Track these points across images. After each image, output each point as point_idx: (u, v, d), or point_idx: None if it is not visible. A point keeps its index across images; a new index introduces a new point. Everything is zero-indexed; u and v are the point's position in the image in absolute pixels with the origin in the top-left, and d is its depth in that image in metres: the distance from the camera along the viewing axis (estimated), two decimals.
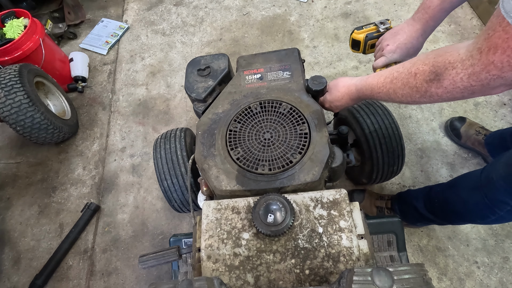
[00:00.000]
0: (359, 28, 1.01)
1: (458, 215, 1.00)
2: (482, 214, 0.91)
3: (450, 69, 0.54)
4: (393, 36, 0.89)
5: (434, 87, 0.57)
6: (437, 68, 0.56)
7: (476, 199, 0.90)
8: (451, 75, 0.54)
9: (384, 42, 0.90)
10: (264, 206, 0.69)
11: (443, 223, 1.14)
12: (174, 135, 1.18)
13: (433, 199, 1.07)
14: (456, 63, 0.53)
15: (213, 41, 2.10)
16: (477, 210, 0.92)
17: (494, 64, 0.47)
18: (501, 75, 0.47)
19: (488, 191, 0.86)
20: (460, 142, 1.46)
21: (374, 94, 0.74)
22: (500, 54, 0.46)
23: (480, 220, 0.96)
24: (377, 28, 0.99)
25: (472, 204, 0.92)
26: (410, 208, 1.17)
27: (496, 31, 0.46)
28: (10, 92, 1.43)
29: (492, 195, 0.86)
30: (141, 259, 0.80)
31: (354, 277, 0.48)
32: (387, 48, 0.89)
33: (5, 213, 1.64)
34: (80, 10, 2.37)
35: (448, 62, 0.55)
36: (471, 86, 0.52)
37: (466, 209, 0.95)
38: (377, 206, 1.32)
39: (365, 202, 1.35)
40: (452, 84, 0.54)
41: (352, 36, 1.02)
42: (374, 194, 1.36)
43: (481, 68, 0.49)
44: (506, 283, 1.18)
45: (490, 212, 0.88)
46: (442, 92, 0.57)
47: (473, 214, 0.94)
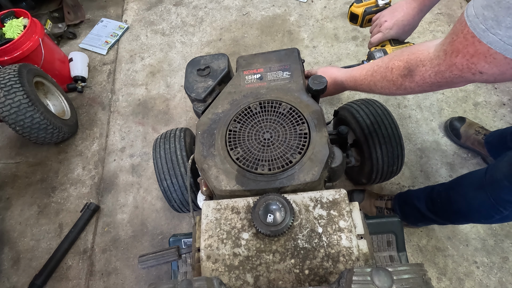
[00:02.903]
0: (359, 1, 1.03)
1: (461, 215, 1.00)
2: (487, 213, 0.91)
3: (421, 66, 0.61)
4: (391, 12, 0.92)
5: (407, 81, 0.64)
6: (410, 64, 0.63)
7: (481, 198, 0.90)
8: (421, 72, 0.61)
9: (382, 18, 0.94)
10: (264, 206, 0.69)
11: (445, 223, 1.14)
12: (173, 135, 1.18)
13: (435, 199, 1.07)
14: (425, 61, 0.60)
15: (213, 41, 2.10)
16: (482, 209, 0.92)
17: (456, 65, 0.53)
18: (462, 75, 0.54)
19: (492, 190, 0.87)
20: (460, 142, 1.46)
21: (357, 85, 0.81)
22: (461, 57, 0.51)
23: (484, 219, 0.96)
24: (376, 3, 1.01)
25: (477, 204, 0.92)
26: (411, 208, 1.18)
27: (458, 37, 0.51)
28: (10, 92, 1.42)
29: (497, 195, 0.86)
30: (141, 259, 0.80)
31: (354, 277, 0.48)
32: (385, 25, 0.92)
33: (5, 213, 1.64)
34: (79, 10, 2.37)
35: (419, 60, 0.61)
36: (438, 82, 0.59)
37: (470, 209, 0.96)
38: (376, 206, 1.33)
39: (364, 202, 1.35)
40: (422, 79, 0.61)
41: (351, 9, 1.05)
42: (373, 194, 1.36)
43: (445, 68, 0.55)
44: (505, 283, 1.19)
45: (495, 212, 0.89)
46: (414, 86, 0.64)
47: (478, 213, 0.95)
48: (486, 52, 0.47)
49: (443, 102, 1.62)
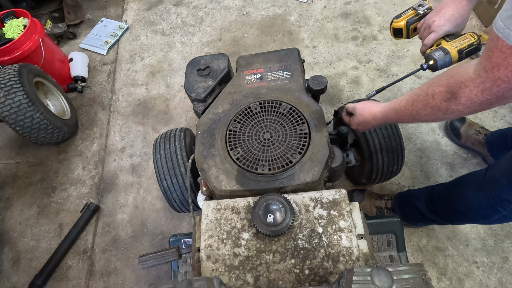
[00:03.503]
0: (398, 16, 1.02)
1: (460, 215, 1.01)
2: (485, 213, 0.92)
3: (464, 87, 0.60)
4: (438, 12, 0.89)
5: (453, 104, 0.63)
6: (451, 88, 0.62)
7: (480, 198, 0.91)
8: (466, 93, 0.60)
9: (429, 20, 0.90)
10: (264, 206, 0.69)
11: (444, 223, 1.15)
12: (173, 135, 1.18)
13: (435, 199, 1.07)
14: (467, 82, 0.59)
15: (213, 41, 2.10)
16: (481, 209, 0.93)
17: (501, 79, 0.53)
18: (511, 87, 0.54)
19: (492, 190, 0.88)
20: (460, 142, 1.46)
21: (399, 117, 0.79)
22: (503, 70, 0.52)
23: (482, 219, 0.96)
24: (416, 12, 0.99)
25: (476, 204, 0.93)
26: (411, 208, 1.18)
27: (494, 52, 0.52)
28: (10, 92, 1.42)
29: (496, 194, 0.87)
30: (141, 259, 0.80)
31: (354, 277, 0.48)
32: (435, 24, 0.89)
33: (5, 213, 1.64)
34: (79, 10, 2.37)
35: (461, 81, 0.60)
36: (487, 99, 0.58)
37: (469, 209, 0.96)
38: (376, 206, 1.33)
39: (364, 202, 1.35)
40: (469, 100, 0.60)
41: (392, 25, 1.03)
42: (373, 194, 1.36)
43: (491, 84, 0.55)
44: (505, 283, 1.19)
45: (493, 212, 0.89)
46: (462, 108, 0.62)
47: (476, 213, 0.95)
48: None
49: None
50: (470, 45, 0.86)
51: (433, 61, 0.87)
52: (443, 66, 0.88)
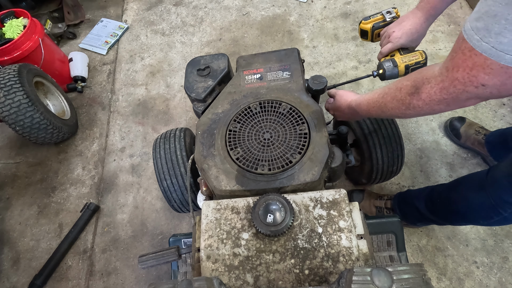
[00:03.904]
0: (367, 18, 1.08)
1: (460, 216, 1.01)
2: (485, 215, 0.92)
3: (426, 83, 0.63)
4: (399, 24, 0.96)
5: (415, 99, 0.66)
6: (416, 82, 0.65)
7: (481, 199, 0.91)
8: (427, 89, 0.62)
9: (390, 29, 0.98)
10: (264, 206, 0.69)
11: (444, 223, 1.15)
12: (173, 135, 1.18)
13: (435, 199, 1.08)
14: (430, 79, 0.62)
15: (213, 41, 2.10)
16: (481, 210, 0.93)
17: (458, 80, 0.55)
18: (465, 89, 0.55)
19: (493, 191, 0.88)
20: (460, 142, 1.46)
21: (369, 108, 0.82)
22: (462, 71, 0.54)
23: (483, 221, 0.96)
24: (384, 18, 1.06)
25: (476, 205, 0.93)
26: (411, 208, 1.18)
27: (457, 53, 0.54)
28: (10, 92, 1.42)
29: (497, 195, 0.87)
30: (141, 259, 0.80)
31: (354, 277, 0.48)
32: (393, 35, 0.95)
33: (5, 213, 1.64)
34: (79, 10, 2.37)
35: (425, 78, 0.63)
36: (444, 98, 0.60)
37: (469, 210, 0.96)
38: (376, 206, 1.33)
39: (364, 202, 1.35)
40: (428, 96, 0.63)
41: (360, 26, 1.10)
42: (373, 194, 1.36)
43: (449, 83, 0.57)
44: (505, 283, 1.19)
45: (494, 213, 0.89)
46: (422, 104, 0.65)
47: (477, 214, 0.95)
48: (483, 63, 0.50)
49: None
50: (417, 63, 0.94)
51: (383, 70, 0.96)
52: (390, 77, 0.96)
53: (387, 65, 0.95)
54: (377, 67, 0.99)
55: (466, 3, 1.92)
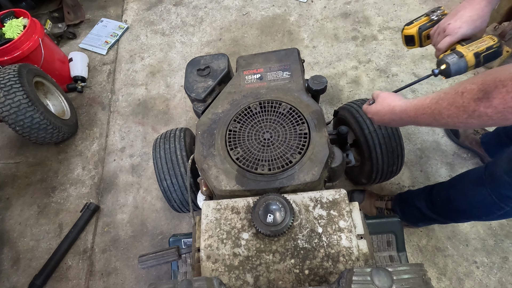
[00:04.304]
0: (409, 23, 0.95)
1: (462, 213, 1.00)
2: (488, 210, 0.91)
3: (501, 87, 0.52)
4: (454, 15, 0.83)
5: (482, 106, 0.55)
6: (486, 86, 0.54)
7: (481, 196, 0.90)
8: (502, 93, 0.52)
9: (444, 24, 0.84)
10: (264, 206, 0.69)
11: (445, 221, 1.14)
12: (173, 135, 1.18)
13: (435, 198, 1.07)
14: (507, 81, 0.51)
15: (213, 41, 2.10)
16: (483, 206, 0.92)
17: None
18: None
19: (493, 187, 0.86)
20: (459, 141, 1.46)
21: (418, 115, 0.71)
22: None
23: (485, 216, 0.95)
24: (429, 18, 0.93)
25: (477, 201, 0.92)
26: (412, 208, 1.18)
27: None
28: (10, 92, 1.42)
29: (498, 191, 0.86)
30: (141, 259, 0.80)
31: (354, 277, 0.48)
32: (450, 26, 0.82)
33: (5, 213, 1.64)
34: (79, 10, 2.37)
35: (499, 80, 0.53)
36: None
37: (471, 206, 0.95)
38: (376, 206, 1.32)
39: (364, 203, 1.35)
40: (502, 103, 0.52)
41: (404, 32, 0.95)
42: (373, 195, 1.36)
43: None
44: (505, 283, 1.19)
45: (496, 208, 0.88)
46: (492, 112, 0.54)
47: (479, 210, 0.94)
48: None
49: None
50: (489, 48, 0.76)
51: (446, 65, 0.79)
52: (458, 72, 0.79)
53: (450, 58, 0.78)
54: (436, 64, 0.83)
55: None
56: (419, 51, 1.80)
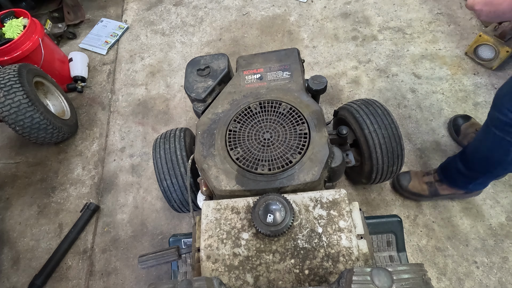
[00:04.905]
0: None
1: (489, 161, 1.06)
2: (502, 149, 0.97)
3: None
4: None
5: None
6: None
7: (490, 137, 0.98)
8: None
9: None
10: (264, 206, 0.69)
11: (485, 176, 1.17)
12: (173, 135, 1.18)
13: (468, 156, 1.14)
14: None
15: (213, 41, 2.10)
16: (497, 147, 0.98)
17: None
18: None
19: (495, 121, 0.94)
20: (458, 139, 1.47)
21: None
22: None
23: (505, 155, 0.99)
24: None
25: (491, 142, 1.00)
26: (455, 172, 1.22)
27: None
28: (10, 92, 1.42)
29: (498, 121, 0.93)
30: (141, 259, 0.80)
31: (354, 277, 0.48)
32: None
33: (4, 213, 1.64)
34: (79, 10, 2.37)
35: None
36: None
37: (490, 151, 1.03)
38: (426, 182, 1.33)
39: (413, 182, 1.34)
40: None
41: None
42: (419, 173, 1.36)
43: None
44: (505, 283, 1.19)
45: (507, 144, 0.94)
46: None
47: (498, 153, 1.00)
48: None
49: (443, 102, 1.62)
50: None
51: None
52: None
53: None
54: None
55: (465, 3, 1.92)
56: (419, 51, 1.80)
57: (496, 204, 1.33)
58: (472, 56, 1.70)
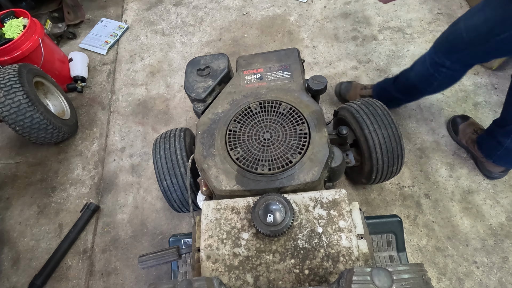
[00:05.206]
0: None
1: (414, 87, 1.30)
2: (427, 81, 1.21)
3: None
4: None
5: None
6: None
7: (424, 67, 1.20)
8: None
9: None
10: (264, 206, 0.69)
11: (408, 99, 1.46)
12: (173, 135, 1.18)
13: (400, 81, 1.36)
14: None
15: (213, 41, 2.10)
16: (424, 77, 1.21)
17: None
18: None
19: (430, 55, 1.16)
20: (457, 138, 1.48)
21: None
22: None
23: (427, 86, 1.24)
24: None
25: (420, 72, 1.23)
26: (386, 92, 1.45)
27: None
28: (10, 92, 1.42)
29: (432, 60, 1.15)
30: (141, 259, 0.80)
31: (354, 277, 0.48)
32: None
33: (5, 213, 1.64)
34: (79, 10, 2.37)
35: None
36: None
37: (417, 79, 1.25)
38: (361, 95, 1.55)
39: (352, 92, 1.56)
40: None
41: None
42: (358, 85, 1.58)
43: None
44: (505, 283, 1.19)
45: (432, 79, 1.18)
46: None
47: (423, 82, 1.24)
48: None
49: (443, 102, 1.62)
50: None
51: None
52: None
53: None
54: None
55: (466, 3, 1.92)
56: (419, 51, 1.80)
57: (496, 204, 1.33)
58: None
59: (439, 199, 1.37)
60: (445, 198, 1.37)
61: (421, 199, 1.39)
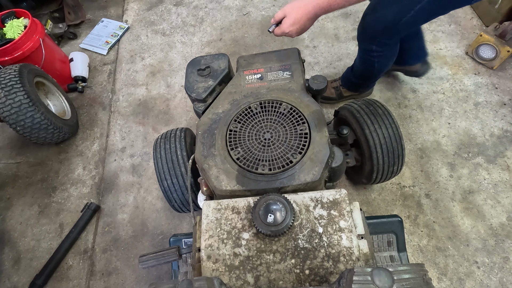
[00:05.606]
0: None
1: (365, 72, 1.40)
2: (369, 65, 1.32)
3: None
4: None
5: None
6: None
7: (361, 56, 1.34)
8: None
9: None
10: (264, 206, 0.69)
11: (365, 82, 1.52)
12: (174, 135, 1.19)
13: (354, 70, 1.46)
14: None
15: (213, 41, 2.10)
16: (366, 64, 1.33)
17: None
18: None
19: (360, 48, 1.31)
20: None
21: (331, 3, 0.88)
22: None
23: (372, 68, 1.33)
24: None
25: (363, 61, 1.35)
26: (348, 81, 1.56)
27: None
28: (10, 92, 1.43)
29: (361, 48, 1.30)
30: (141, 259, 0.80)
31: (354, 277, 0.48)
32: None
33: (5, 213, 1.64)
34: (80, 10, 2.37)
35: None
36: None
37: (363, 66, 1.37)
38: (333, 87, 1.64)
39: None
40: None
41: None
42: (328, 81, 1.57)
43: None
44: (506, 283, 1.18)
45: (371, 62, 1.29)
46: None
47: (367, 67, 1.35)
48: None
49: (443, 102, 1.62)
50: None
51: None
52: None
53: None
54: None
55: None
56: None
57: (497, 204, 1.33)
58: (473, 55, 1.69)
59: (439, 199, 1.37)
60: (445, 198, 1.37)
61: (422, 199, 1.38)
